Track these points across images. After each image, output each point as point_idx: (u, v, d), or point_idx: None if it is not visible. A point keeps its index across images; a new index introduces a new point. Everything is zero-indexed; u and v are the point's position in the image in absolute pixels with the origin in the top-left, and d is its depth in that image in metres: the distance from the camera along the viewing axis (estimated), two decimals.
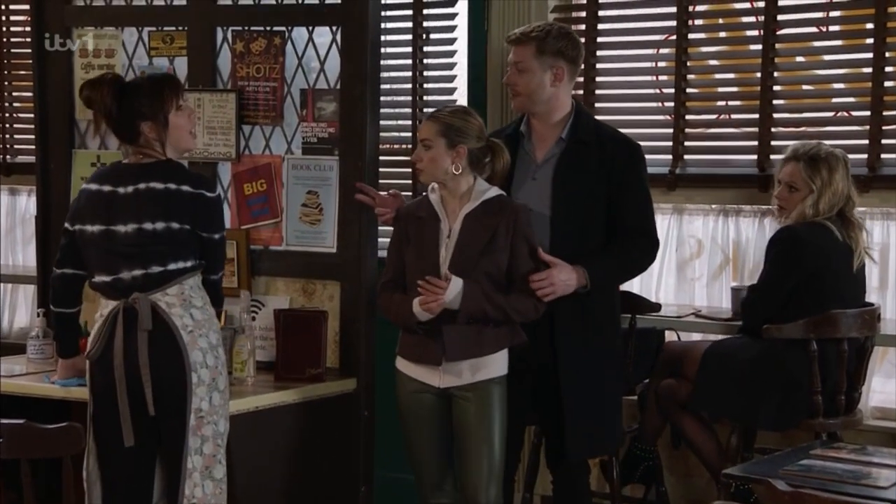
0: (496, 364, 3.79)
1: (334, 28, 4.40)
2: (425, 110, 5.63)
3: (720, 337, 4.80)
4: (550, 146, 3.98)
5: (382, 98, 4.55)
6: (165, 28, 4.66)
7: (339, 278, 4.35)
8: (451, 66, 5.60)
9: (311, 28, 4.47)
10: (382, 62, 4.53)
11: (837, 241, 4.27)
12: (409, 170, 5.62)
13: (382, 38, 4.55)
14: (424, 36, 5.63)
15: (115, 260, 3.67)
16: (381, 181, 4.41)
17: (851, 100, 4.95)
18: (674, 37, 5.13)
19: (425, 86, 5.66)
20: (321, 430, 4.23)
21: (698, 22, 5.14)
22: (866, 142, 4.72)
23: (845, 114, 4.94)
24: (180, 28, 4.64)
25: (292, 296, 4.43)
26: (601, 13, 5.29)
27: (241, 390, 4.06)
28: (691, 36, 5.12)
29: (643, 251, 4.02)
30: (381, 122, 4.49)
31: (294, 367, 4.23)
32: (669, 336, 4.83)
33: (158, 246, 3.65)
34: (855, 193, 4.36)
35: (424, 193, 3.90)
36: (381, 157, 4.54)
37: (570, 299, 3.83)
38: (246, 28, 4.53)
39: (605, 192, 3.93)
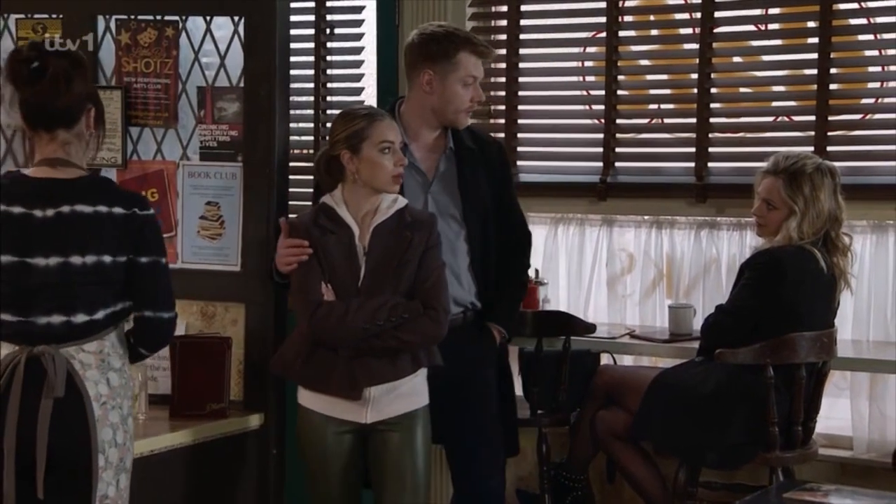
0: (421, 393, 3.55)
1: (236, 18, 3.99)
2: (329, 112, 5.21)
3: (656, 360, 4.58)
4: (439, 158, 3.79)
5: None
6: (36, 15, 4.18)
7: (244, 300, 3.95)
8: (358, 65, 5.19)
9: (208, 18, 4.05)
10: None
11: (822, 273, 3.93)
12: (312, 177, 5.21)
13: None
14: (328, 30, 5.24)
15: (29, 298, 3.00)
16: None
17: (793, 104, 4.65)
18: (602, 34, 4.84)
19: (329, 85, 5.25)
20: (225, 473, 3.83)
21: (628, 18, 4.84)
22: (811, 149, 4.40)
23: (786, 118, 4.63)
24: (54, 15, 4.16)
25: (189, 320, 4.02)
26: (523, 8, 4.99)
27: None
28: (621, 33, 4.82)
29: (526, 258, 3.98)
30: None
31: (193, 401, 3.82)
32: (603, 359, 4.49)
33: (87, 286, 3.01)
34: (843, 212, 4.01)
35: (322, 202, 3.55)
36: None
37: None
38: (132, 17, 4.10)
39: (493, 193, 3.83)
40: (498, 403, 3.83)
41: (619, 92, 4.81)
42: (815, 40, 4.51)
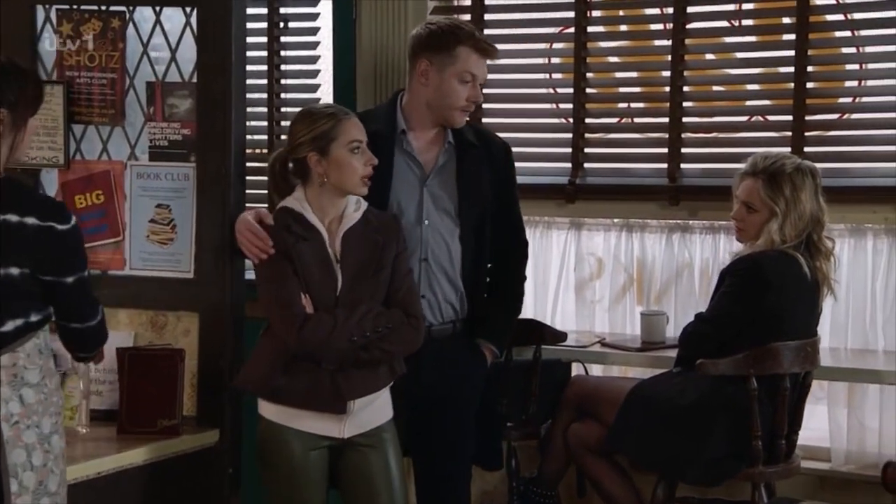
0: (389, 404, 3.43)
1: (188, 9, 3.80)
2: (283, 110, 4.99)
3: (626, 369, 4.43)
4: (438, 151, 3.65)
5: None
6: None
7: (197, 308, 3.76)
8: (313, 60, 4.99)
9: (158, 8, 3.85)
10: None
11: (805, 278, 3.78)
12: (266, 178, 4.99)
13: None
14: (282, 24, 5.02)
15: None
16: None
17: (768, 103, 4.49)
18: (570, 30, 4.65)
19: (283, 81, 5.03)
20: (178, 495, 3.62)
21: (597, 13, 4.66)
22: (788, 150, 4.24)
23: (761, 118, 4.47)
24: None
25: (138, 330, 3.82)
26: (487, 1, 4.79)
27: (75, 454, 3.32)
28: (590, 29, 4.64)
29: (523, 269, 3.82)
30: None
31: (142, 417, 3.62)
32: (574, 369, 4.31)
33: None
34: (825, 214, 3.86)
35: (285, 206, 3.35)
36: None
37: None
38: (75, 6, 3.90)
39: (494, 193, 3.70)
40: (479, 412, 3.67)
41: (588, 90, 4.62)
42: (791, 37, 4.35)
